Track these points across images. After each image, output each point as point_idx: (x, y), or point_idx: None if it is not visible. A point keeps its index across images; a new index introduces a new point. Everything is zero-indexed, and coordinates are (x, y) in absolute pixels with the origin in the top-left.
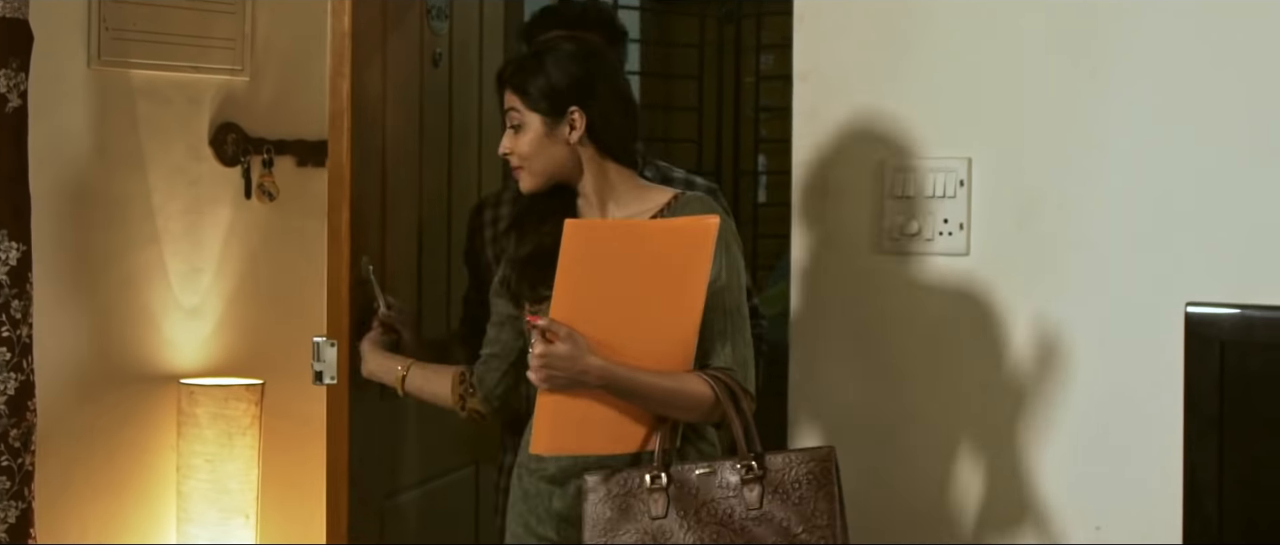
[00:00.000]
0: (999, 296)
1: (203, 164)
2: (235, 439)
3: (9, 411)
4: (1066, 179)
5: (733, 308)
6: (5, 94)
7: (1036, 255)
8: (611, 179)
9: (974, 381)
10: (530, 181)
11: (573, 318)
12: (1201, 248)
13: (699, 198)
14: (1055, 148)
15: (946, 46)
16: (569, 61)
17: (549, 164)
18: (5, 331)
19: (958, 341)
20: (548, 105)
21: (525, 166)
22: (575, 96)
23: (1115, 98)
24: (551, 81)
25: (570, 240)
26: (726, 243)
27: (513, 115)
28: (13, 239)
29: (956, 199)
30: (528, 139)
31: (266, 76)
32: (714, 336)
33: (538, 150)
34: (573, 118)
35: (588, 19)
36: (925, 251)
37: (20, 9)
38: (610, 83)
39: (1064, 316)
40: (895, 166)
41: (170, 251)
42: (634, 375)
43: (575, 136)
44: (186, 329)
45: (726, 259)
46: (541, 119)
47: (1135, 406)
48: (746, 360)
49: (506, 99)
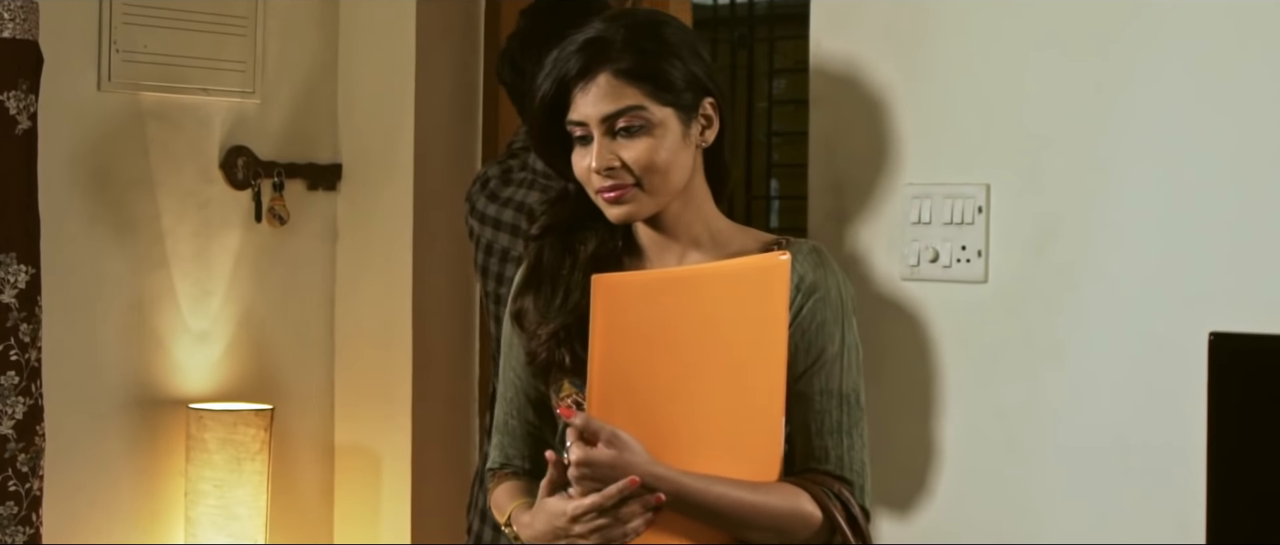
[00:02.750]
0: (1018, 324)
1: (213, 187)
2: (244, 464)
3: (17, 436)
4: (1087, 206)
5: (849, 394)
6: (15, 116)
7: (1056, 283)
8: (704, 209)
9: (991, 410)
10: (649, 205)
11: (616, 406)
12: (1225, 275)
13: (814, 248)
14: (1075, 174)
15: (964, 72)
16: (684, 31)
17: (681, 180)
18: (14, 355)
19: (976, 370)
20: (690, 96)
21: (653, 185)
22: (708, 82)
23: (1136, 124)
24: (686, 62)
25: (603, 302)
26: (845, 310)
27: (630, 117)
28: (21, 262)
29: (975, 226)
30: (666, 145)
31: (277, 100)
32: (823, 430)
33: (676, 159)
34: (708, 111)
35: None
36: (943, 279)
37: (30, 31)
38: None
39: (1085, 345)
40: (913, 193)
41: (180, 275)
42: (708, 486)
43: (712, 137)
44: (195, 353)
45: (845, 331)
46: (678, 115)
47: (1158, 436)
48: (864, 465)
49: (602, 94)
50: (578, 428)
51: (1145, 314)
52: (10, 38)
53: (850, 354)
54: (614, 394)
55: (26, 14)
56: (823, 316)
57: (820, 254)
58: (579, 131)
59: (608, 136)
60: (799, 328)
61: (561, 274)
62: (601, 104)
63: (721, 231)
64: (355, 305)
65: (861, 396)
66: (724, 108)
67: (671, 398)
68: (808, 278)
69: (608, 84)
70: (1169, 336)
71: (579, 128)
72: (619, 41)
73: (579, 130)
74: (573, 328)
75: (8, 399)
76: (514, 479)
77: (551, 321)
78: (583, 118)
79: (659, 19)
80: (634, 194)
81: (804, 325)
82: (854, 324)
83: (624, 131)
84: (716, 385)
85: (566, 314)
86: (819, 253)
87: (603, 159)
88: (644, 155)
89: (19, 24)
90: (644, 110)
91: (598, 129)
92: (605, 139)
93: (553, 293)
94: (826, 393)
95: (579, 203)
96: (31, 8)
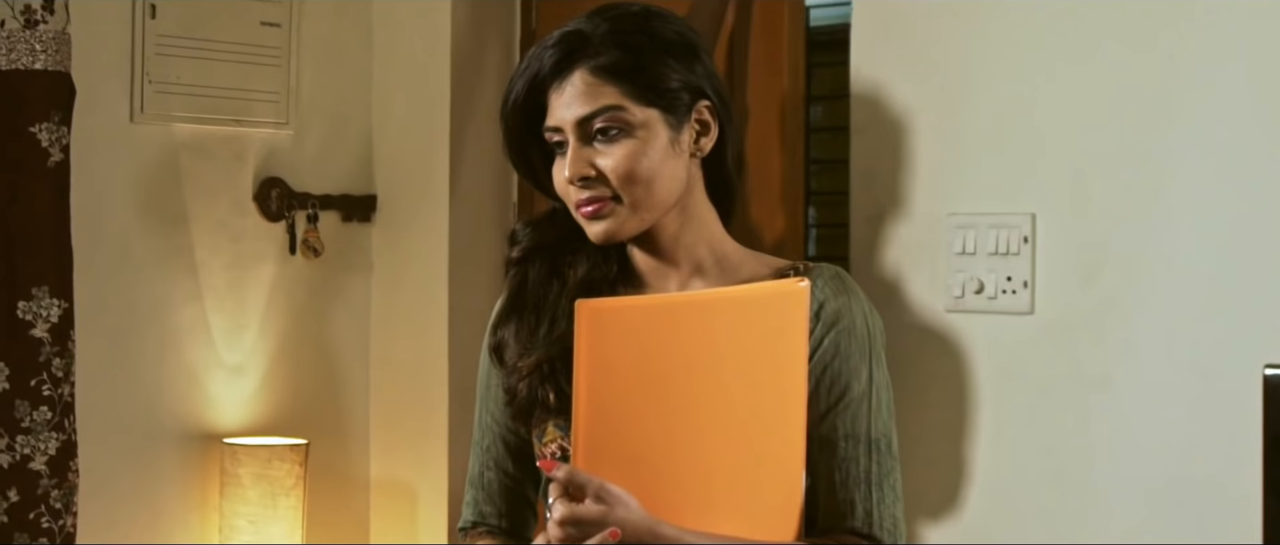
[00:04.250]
0: (1065, 357)
1: (246, 219)
2: (279, 500)
3: (50, 472)
4: (1135, 236)
5: (878, 439)
6: (47, 148)
7: (1105, 314)
8: (710, 230)
9: (1038, 444)
10: (630, 221)
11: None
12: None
13: (835, 272)
14: (1123, 203)
15: (1009, 99)
16: (680, 26)
17: (672, 194)
18: (46, 390)
19: (1022, 403)
20: (677, 98)
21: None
22: (701, 83)
23: (1184, 151)
24: (679, 59)
25: (588, 330)
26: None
27: (606, 119)
28: (54, 295)
29: (1020, 256)
30: (649, 152)
31: (311, 131)
32: (848, 481)
33: (662, 169)
34: (703, 115)
35: None
36: (988, 310)
37: (62, 62)
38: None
39: (1133, 378)
40: (956, 223)
41: (213, 308)
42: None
43: (708, 145)
44: (229, 387)
45: (873, 367)
46: (664, 118)
47: (1210, 474)
48: (897, 523)
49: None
50: (561, 481)
51: (1196, 345)
52: (42, 69)
53: (879, 393)
54: (602, 439)
55: (59, 45)
56: (846, 350)
57: (843, 280)
58: (556, 138)
59: (583, 143)
60: (819, 363)
61: (547, 301)
62: (575, 105)
63: (729, 256)
64: (391, 338)
65: (893, 442)
66: (724, 114)
67: (671, 443)
68: (829, 306)
69: (582, 82)
70: (1221, 368)
71: (555, 134)
72: (599, 35)
73: (556, 136)
74: (558, 361)
75: (41, 434)
76: (489, 538)
77: (533, 353)
78: (557, 122)
79: (651, 11)
80: (613, 208)
81: (825, 360)
82: (884, 359)
83: (601, 136)
84: (724, 429)
85: (551, 345)
86: (842, 278)
87: (575, 167)
88: (622, 162)
89: (51, 55)
90: (622, 111)
91: (573, 134)
92: (580, 145)
93: (537, 322)
94: (852, 438)
95: (567, 222)
96: (64, 39)
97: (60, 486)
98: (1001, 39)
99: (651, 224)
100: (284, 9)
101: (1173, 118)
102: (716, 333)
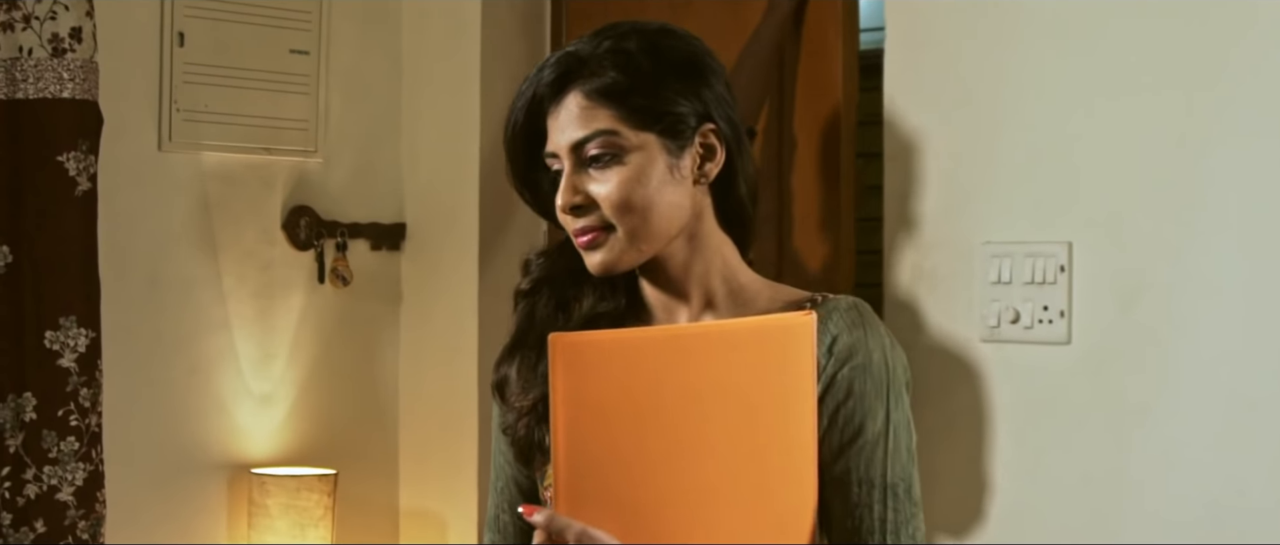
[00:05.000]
0: (1103, 387)
1: (275, 248)
2: (307, 530)
3: (78, 502)
4: (1173, 264)
5: (896, 484)
6: (74, 177)
7: (1142, 344)
8: (723, 260)
9: (1077, 476)
10: (625, 252)
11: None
12: None
13: (853, 304)
14: (1161, 231)
15: (1045, 125)
16: (689, 44)
17: (672, 222)
18: (74, 420)
19: (1060, 435)
20: (679, 121)
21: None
22: (705, 105)
23: (1222, 177)
24: (683, 79)
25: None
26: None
27: (598, 144)
28: (82, 325)
29: (1057, 285)
30: (645, 178)
31: (340, 159)
32: (861, 529)
33: (660, 196)
34: (709, 140)
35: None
36: (1024, 340)
37: (90, 90)
38: (730, 97)
39: (1173, 407)
40: (992, 252)
41: (241, 337)
42: None
43: (713, 171)
44: (258, 417)
45: (891, 406)
46: (662, 143)
47: (1252, 506)
48: None
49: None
50: (541, 526)
51: (1237, 374)
52: (70, 98)
53: (897, 435)
54: (584, 482)
55: (86, 74)
56: (861, 387)
57: (860, 312)
58: (556, 165)
59: (578, 168)
60: (830, 400)
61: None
62: (569, 129)
63: (745, 287)
64: (420, 367)
65: (914, 487)
66: (730, 137)
67: (660, 486)
68: (842, 340)
69: (576, 105)
70: (1262, 397)
71: (554, 160)
72: (598, 55)
73: (556, 164)
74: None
75: (68, 465)
76: None
77: (531, 392)
78: (553, 147)
79: (662, 29)
80: (607, 238)
81: (837, 397)
82: (905, 398)
83: (593, 162)
84: (720, 470)
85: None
86: (859, 310)
87: (565, 195)
88: (614, 190)
89: (78, 84)
90: (615, 136)
91: (568, 160)
92: (574, 171)
93: (537, 358)
94: (866, 482)
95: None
96: (92, 67)
97: (87, 517)
98: (1037, 66)
99: (653, 254)
100: (313, 36)
101: (1211, 143)
102: (709, 369)
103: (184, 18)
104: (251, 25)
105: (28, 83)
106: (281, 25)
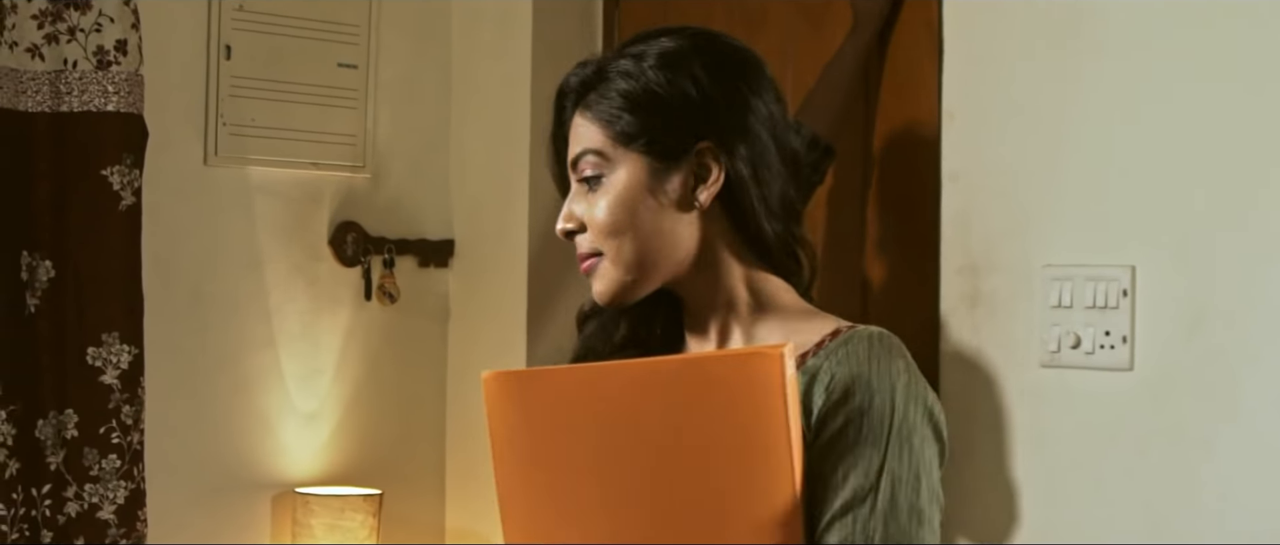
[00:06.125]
0: (1167, 415)
1: (321, 264)
2: None
3: (119, 521)
4: (1239, 286)
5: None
6: (118, 191)
7: (1206, 371)
8: (753, 286)
9: (1139, 506)
10: (616, 279)
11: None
12: None
13: (868, 337)
14: (1226, 253)
15: (1108, 146)
16: (688, 59)
17: (665, 250)
18: (116, 438)
19: (1122, 463)
20: (673, 141)
21: (613, 252)
22: (708, 122)
23: None
24: (685, 92)
25: (492, 403)
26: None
27: (588, 163)
28: (124, 341)
29: (1119, 310)
30: (618, 197)
31: (388, 174)
32: None
33: (643, 222)
34: (703, 158)
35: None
36: (1086, 366)
37: (135, 104)
38: (767, 110)
39: (1240, 436)
40: (1052, 275)
41: (287, 354)
42: None
43: (706, 195)
44: (303, 435)
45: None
46: (645, 162)
47: None
48: None
49: (573, 134)
50: None
51: None
52: (115, 111)
53: (897, 490)
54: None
55: (131, 87)
56: (854, 434)
57: (875, 345)
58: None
59: (579, 190)
60: (824, 446)
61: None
62: (572, 146)
63: (776, 313)
64: (467, 386)
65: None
66: (746, 157)
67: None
68: (839, 376)
69: (578, 120)
70: None
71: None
72: (610, 68)
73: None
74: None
75: (109, 483)
76: None
77: None
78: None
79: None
80: (597, 264)
81: (831, 442)
82: (915, 448)
83: (589, 182)
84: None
85: None
86: (874, 343)
87: (559, 219)
88: (597, 213)
89: (123, 97)
90: (599, 156)
91: (573, 180)
92: (576, 194)
93: None
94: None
95: None
96: (137, 80)
97: (129, 536)
98: (1098, 84)
99: (659, 283)
100: (361, 50)
101: (1275, 164)
102: (657, 405)
103: (231, 30)
104: (299, 38)
105: (72, 96)
106: (329, 38)
